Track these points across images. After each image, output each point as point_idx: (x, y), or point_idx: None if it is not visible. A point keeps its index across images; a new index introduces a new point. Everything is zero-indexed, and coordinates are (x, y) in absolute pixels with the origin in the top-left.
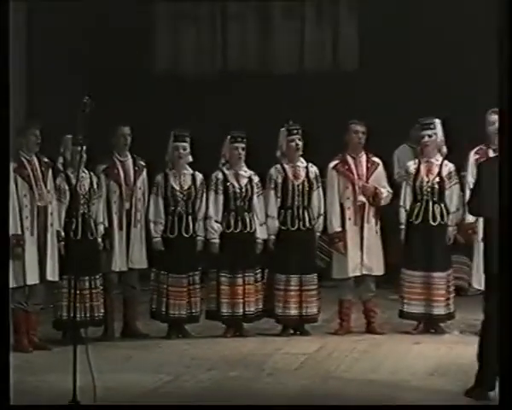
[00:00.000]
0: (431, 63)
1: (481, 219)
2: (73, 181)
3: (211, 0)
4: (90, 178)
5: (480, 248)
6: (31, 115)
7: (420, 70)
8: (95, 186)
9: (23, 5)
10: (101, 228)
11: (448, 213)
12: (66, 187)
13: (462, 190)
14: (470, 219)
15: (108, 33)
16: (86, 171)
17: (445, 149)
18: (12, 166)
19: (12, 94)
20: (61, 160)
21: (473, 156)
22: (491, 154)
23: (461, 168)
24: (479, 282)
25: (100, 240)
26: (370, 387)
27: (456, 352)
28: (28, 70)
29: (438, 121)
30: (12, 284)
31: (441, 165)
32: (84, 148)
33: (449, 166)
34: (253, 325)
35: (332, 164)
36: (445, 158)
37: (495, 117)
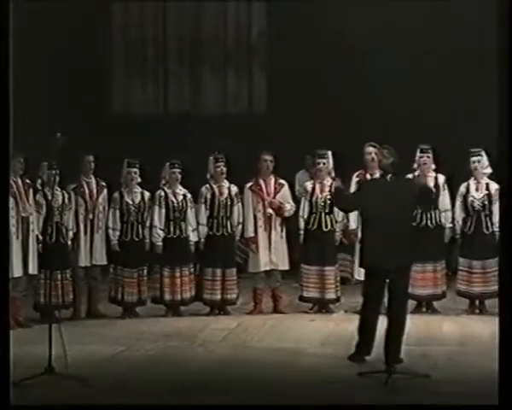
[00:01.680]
0: (324, 108)
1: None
2: (49, 197)
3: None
4: (63, 194)
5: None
6: (15, 147)
7: (314, 112)
8: (66, 201)
9: None
10: (70, 233)
11: (336, 221)
12: (44, 202)
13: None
14: (352, 225)
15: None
16: (59, 189)
17: (333, 174)
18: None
19: None
20: (39, 181)
21: (355, 178)
22: (368, 177)
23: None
24: (358, 274)
25: (70, 242)
26: (277, 353)
27: (341, 327)
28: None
29: (329, 152)
30: None
31: (330, 185)
32: (57, 172)
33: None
34: (187, 307)
35: (248, 185)
36: (334, 180)
37: (371, 149)
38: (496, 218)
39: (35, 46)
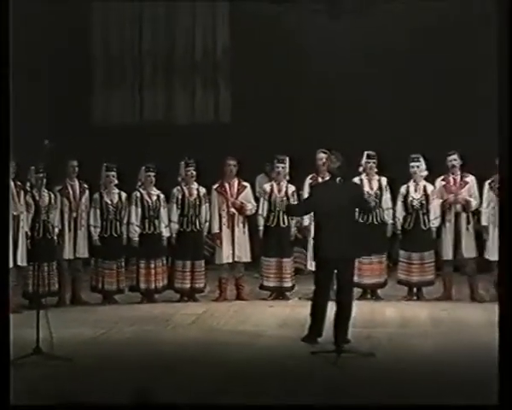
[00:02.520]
0: (282, 118)
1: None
2: (37, 198)
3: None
4: (49, 195)
5: (311, 242)
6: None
7: (273, 122)
8: (52, 201)
9: None
10: (56, 230)
11: (291, 219)
12: (32, 202)
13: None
14: (306, 223)
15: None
16: (46, 191)
17: (288, 177)
18: None
19: None
20: (28, 183)
21: (308, 180)
22: (320, 179)
23: (300, 189)
24: (311, 265)
25: (55, 238)
26: (240, 335)
27: (296, 311)
28: None
29: (287, 158)
30: None
31: (287, 187)
32: (44, 175)
33: (291, 188)
34: (160, 295)
35: (214, 186)
36: (289, 182)
37: (321, 155)
38: (432, 215)
39: (21, 57)
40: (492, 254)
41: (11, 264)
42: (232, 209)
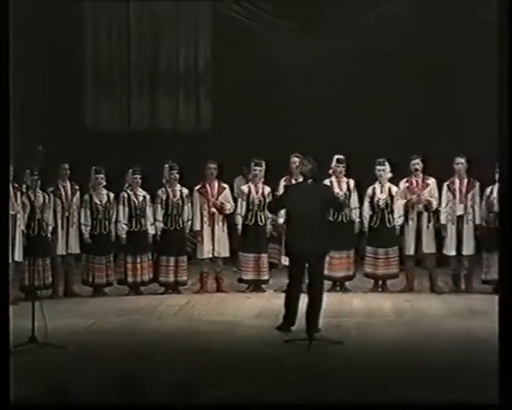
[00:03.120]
0: (258, 126)
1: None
2: (32, 198)
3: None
4: (43, 196)
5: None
6: None
7: (250, 129)
8: (46, 201)
9: None
10: (50, 228)
11: (267, 218)
12: (28, 202)
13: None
14: (280, 221)
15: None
16: (40, 192)
17: (263, 179)
18: None
19: None
20: (24, 185)
21: (282, 182)
22: (293, 181)
23: (275, 190)
24: (284, 260)
25: (49, 235)
26: (219, 325)
27: (271, 303)
28: None
29: (263, 162)
30: None
31: (263, 188)
32: (38, 177)
33: (267, 188)
34: (146, 287)
35: (196, 188)
36: (265, 184)
37: (295, 159)
38: (396, 214)
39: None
40: (450, 249)
41: (9, 260)
42: (213, 209)
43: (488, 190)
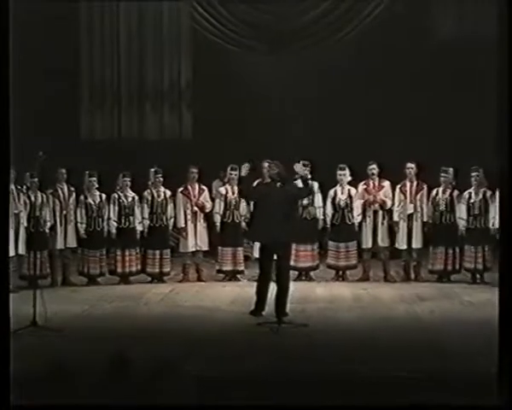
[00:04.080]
0: (234, 135)
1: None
2: (32, 198)
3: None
4: (42, 197)
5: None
6: None
7: (227, 138)
8: (44, 201)
9: None
10: (48, 224)
11: (241, 215)
12: (28, 201)
13: (248, 202)
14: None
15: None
16: (39, 192)
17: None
18: None
19: None
20: (25, 187)
21: (255, 184)
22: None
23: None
24: (256, 253)
25: (47, 231)
26: (199, 310)
27: (245, 291)
28: None
29: (237, 166)
30: None
31: (238, 190)
32: (37, 180)
33: None
34: (135, 277)
35: (180, 189)
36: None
37: (266, 164)
38: (355, 213)
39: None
40: (401, 243)
41: (13, 253)
42: (195, 208)
43: (434, 191)
